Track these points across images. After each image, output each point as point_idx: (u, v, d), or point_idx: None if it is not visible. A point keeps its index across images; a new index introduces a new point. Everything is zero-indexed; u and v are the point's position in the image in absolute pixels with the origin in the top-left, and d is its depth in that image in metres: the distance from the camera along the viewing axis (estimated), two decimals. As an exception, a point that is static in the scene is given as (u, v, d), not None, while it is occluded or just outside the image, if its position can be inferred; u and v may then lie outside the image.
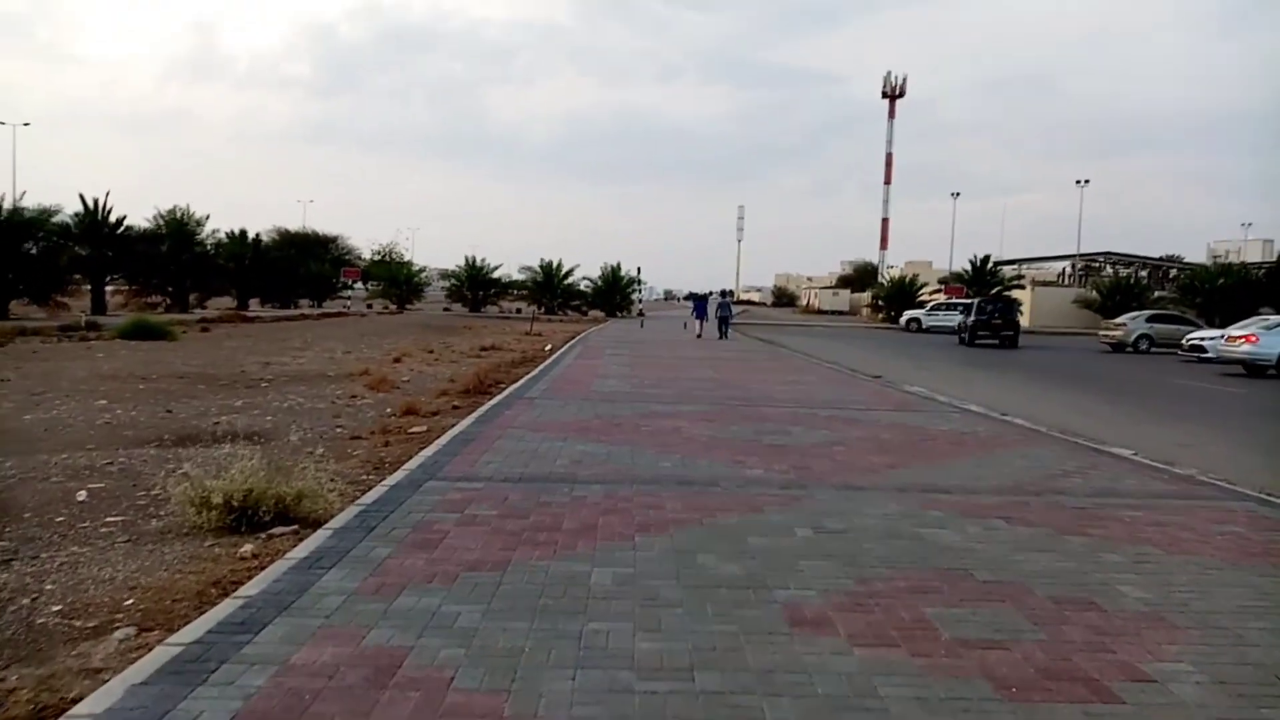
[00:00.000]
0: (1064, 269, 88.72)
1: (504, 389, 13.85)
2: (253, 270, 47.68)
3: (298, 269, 53.61)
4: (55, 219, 32.00)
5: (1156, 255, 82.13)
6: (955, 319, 48.70)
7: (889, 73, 77.14)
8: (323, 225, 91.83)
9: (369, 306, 58.04)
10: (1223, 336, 25.01)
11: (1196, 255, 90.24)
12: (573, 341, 28.25)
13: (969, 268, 60.72)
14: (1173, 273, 77.69)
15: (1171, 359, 29.40)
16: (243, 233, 48.06)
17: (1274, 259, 73.50)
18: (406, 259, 69.57)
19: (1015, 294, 59.00)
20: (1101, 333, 34.49)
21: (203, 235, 41.87)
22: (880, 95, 77.36)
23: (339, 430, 10.08)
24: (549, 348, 24.90)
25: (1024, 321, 57.90)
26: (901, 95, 76.69)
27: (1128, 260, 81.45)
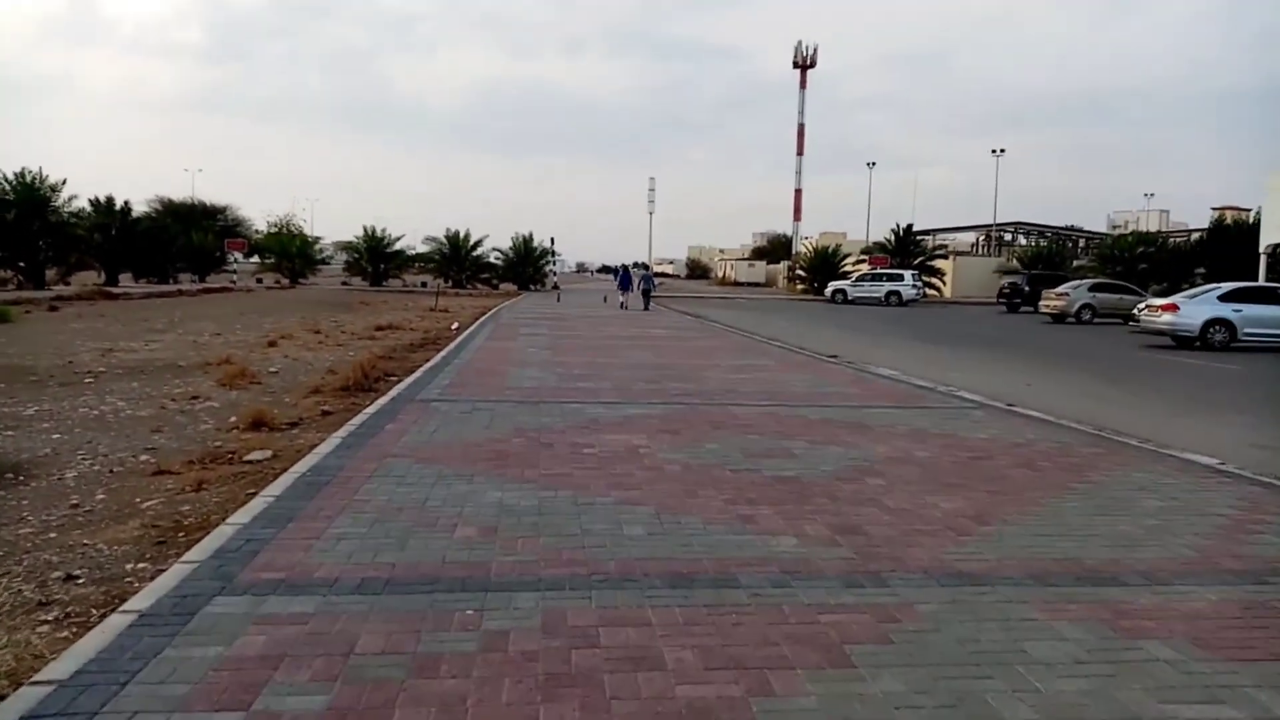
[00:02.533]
0: (977, 239, 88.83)
1: (394, 384, 10.89)
2: (121, 242, 42.64)
3: (176, 241, 48.51)
4: None
5: (1058, 225, 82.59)
6: (882, 289, 47.21)
7: (799, 42, 74.68)
8: (215, 196, 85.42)
9: (258, 281, 53.36)
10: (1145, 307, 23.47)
11: (1094, 226, 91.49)
12: (483, 319, 25.14)
13: (890, 238, 59.21)
14: (1081, 242, 78.30)
15: (1116, 329, 27.95)
16: (109, 200, 42.85)
17: (1170, 229, 74.85)
18: (304, 231, 64.54)
19: (938, 264, 57.95)
20: (1043, 303, 32.98)
21: (59, 203, 36.80)
22: (791, 65, 74.85)
23: (145, 458, 6.99)
24: (455, 326, 21.80)
25: (946, 291, 57.11)
26: (813, 65, 74.48)
27: (1038, 230, 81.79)
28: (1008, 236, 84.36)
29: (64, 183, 36.82)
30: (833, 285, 50.12)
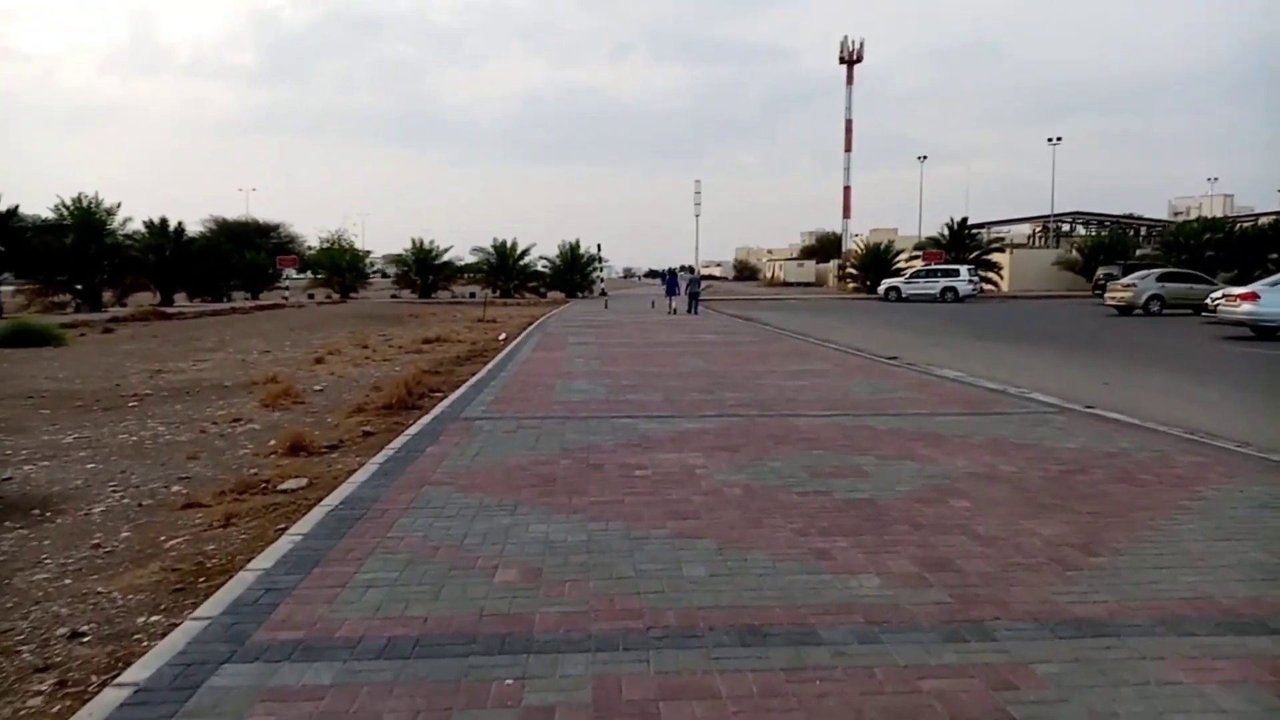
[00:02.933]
0: (1033, 231, 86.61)
1: (439, 400, 10.53)
2: (175, 262, 43.26)
3: (229, 259, 49.16)
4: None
5: (1117, 214, 79.99)
6: (937, 285, 46.04)
7: (845, 37, 73.43)
8: (268, 214, 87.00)
9: (310, 297, 53.91)
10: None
11: (1154, 213, 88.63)
12: (530, 328, 24.82)
13: (944, 233, 57.86)
14: (1143, 231, 75.82)
15: (1187, 321, 26.67)
16: (163, 222, 43.49)
17: (1235, 214, 72.04)
18: (354, 245, 65.16)
19: (994, 257, 56.48)
20: (1109, 295, 31.71)
21: (115, 225, 37.41)
22: (838, 61, 73.76)
23: (178, 489, 6.68)
24: (503, 337, 21.50)
25: (1003, 285, 55.60)
26: (859, 60, 73.15)
27: (1098, 219, 79.42)
28: (1065, 227, 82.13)
29: (119, 206, 37.48)
30: (886, 283, 49.00)
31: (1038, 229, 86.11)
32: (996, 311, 35.92)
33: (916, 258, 56.95)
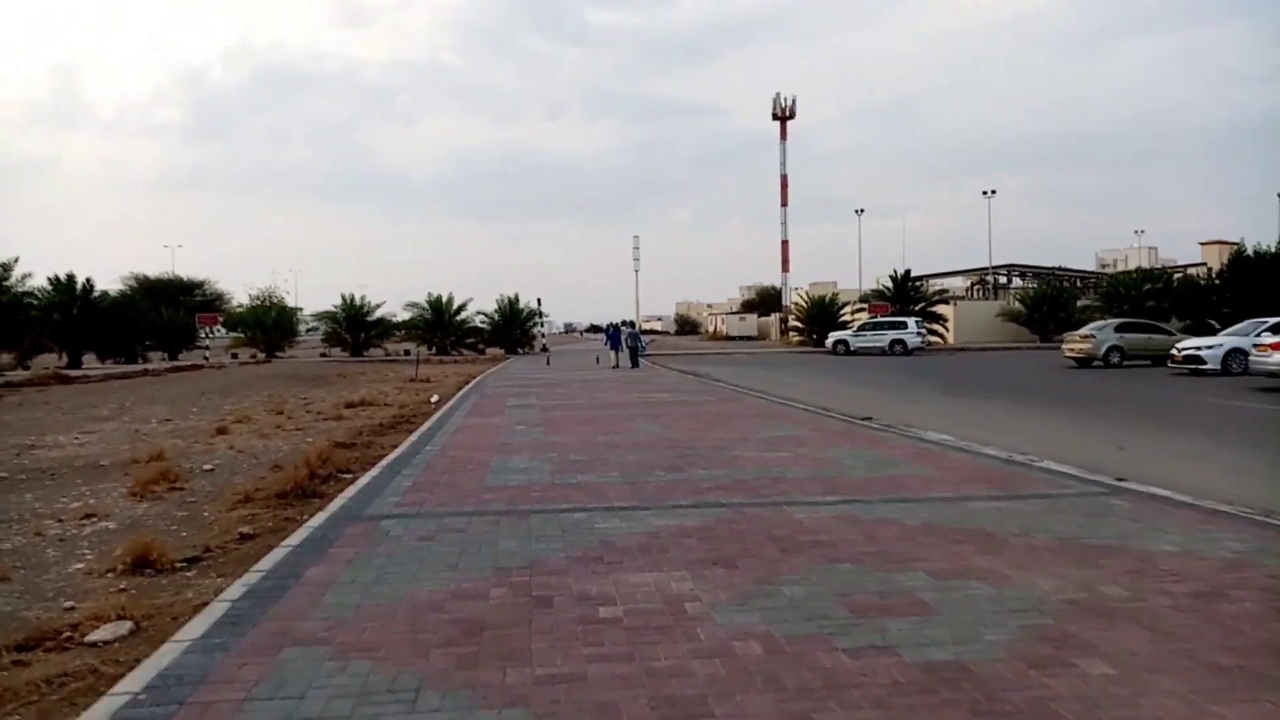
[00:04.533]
0: (971, 285, 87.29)
1: (346, 484, 8.59)
2: (83, 321, 40.22)
3: (144, 318, 46.10)
4: None
5: (1048, 266, 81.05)
6: (885, 338, 45.15)
7: (778, 94, 73.74)
8: (196, 272, 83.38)
9: (233, 357, 50.91)
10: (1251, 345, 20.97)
11: (1081, 265, 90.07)
12: (466, 389, 22.82)
13: (888, 285, 57.39)
14: (1077, 282, 76.67)
15: (1156, 372, 25.79)
16: (70, 278, 40.40)
17: (1161, 265, 73.30)
18: (285, 303, 62.11)
19: (940, 309, 56.10)
20: (1067, 346, 30.88)
21: (12, 282, 34.46)
22: (771, 117, 74.08)
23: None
24: (434, 400, 19.48)
25: (949, 337, 55.14)
26: (792, 117, 73.65)
27: (1032, 271, 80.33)
28: (1002, 279, 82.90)
29: (16, 260, 34.64)
30: (834, 336, 47.98)
31: (974, 281, 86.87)
32: (951, 364, 34.93)
33: (861, 310, 56.32)
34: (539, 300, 57.17)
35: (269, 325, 52.84)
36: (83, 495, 9.08)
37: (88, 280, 41.50)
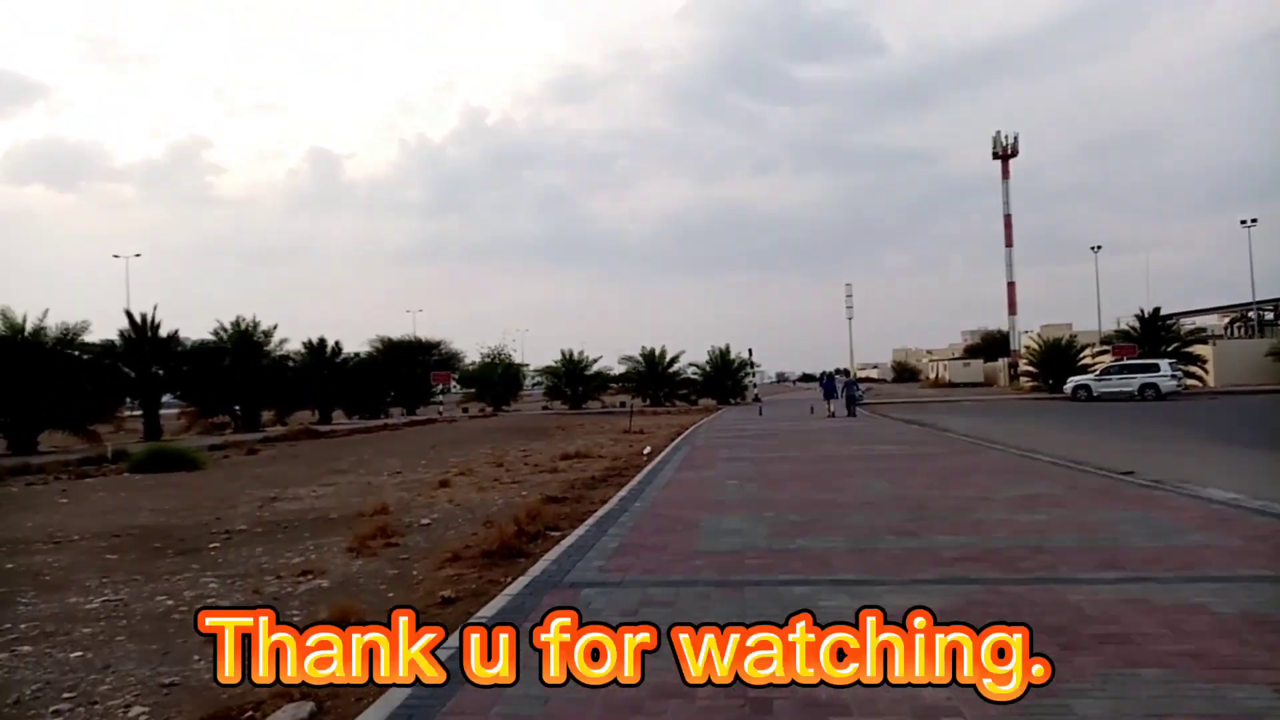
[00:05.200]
0: (1227, 321, 78.12)
1: (553, 543, 8.26)
2: (332, 380, 43.81)
3: (384, 376, 49.69)
4: (92, 339, 28.36)
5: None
6: (1134, 382, 40.87)
7: (998, 132, 70.14)
8: (433, 333, 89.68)
9: (464, 411, 53.78)
10: None
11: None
12: (678, 440, 22.46)
13: (1133, 325, 52.18)
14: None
15: None
16: (321, 342, 44.38)
17: None
18: (513, 360, 65.30)
19: (1196, 349, 50.33)
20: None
21: (271, 346, 38.10)
22: (991, 157, 70.52)
23: (137, 712, 4.54)
24: (647, 451, 19.21)
25: (1209, 380, 49.25)
26: (1014, 155, 69.75)
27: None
28: (1268, 315, 73.61)
29: (275, 328, 38.18)
30: (1073, 380, 44.01)
31: (1232, 318, 77.71)
32: (1216, 410, 30.89)
33: (1104, 352, 51.51)
34: (749, 351, 56.69)
35: (496, 381, 55.49)
36: (307, 550, 9.28)
37: (336, 343, 45.30)
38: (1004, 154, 69.51)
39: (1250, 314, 73.16)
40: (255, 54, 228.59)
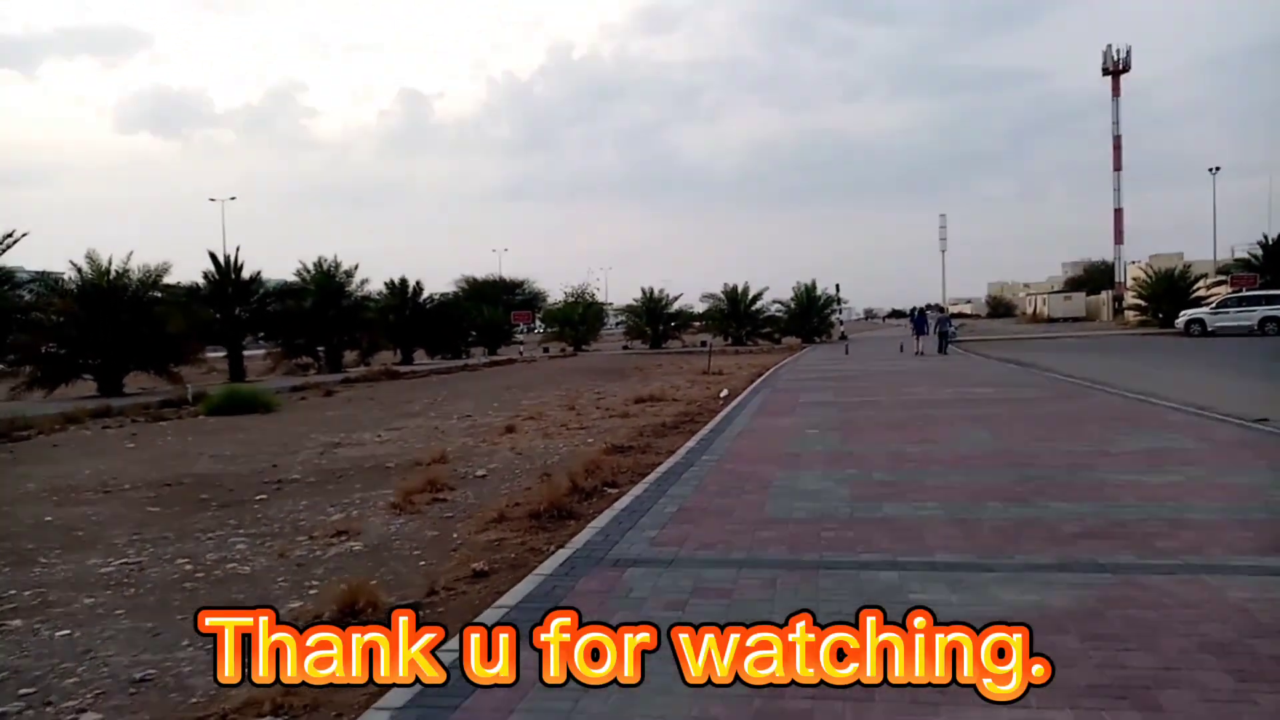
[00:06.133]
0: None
1: (608, 502, 7.46)
2: (413, 321, 43.80)
3: (465, 317, 49.58)
4: (175, 281, 28.57)
5: None
6: (1255, 315, 37.93)
7: (1109, 46, 65.63)
8: (519, 273, 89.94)
9: (545, 351, 53.52)
10: None
11: None
12: (757, 382, 21.41)
13: (1254, 253, 48.42)
14: None
15: None
16: (402, 282, 44.21)
17: None
18: (596, 299, 64.54)
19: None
20: None
21: (353, 288, 38.03)
22: (1101, 73, 66.22)
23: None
24: (723, 394, 18.23)
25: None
26: (1126, 70, 65.33)
27: None
28: None
29: (356, 268, 38.05)
30: (1186, 315, 41.13)
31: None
32: (1354, 345, 28.23)
33: (1220, 284, 48.11)
34: (836, 287, 54.70)
35: (576, 321, 54.94)
36: (351, 504, 8.70)
37: (417, 283, 45.18)
38: (1115, 69, 65.20)
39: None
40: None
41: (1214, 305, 40.90)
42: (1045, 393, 15.17)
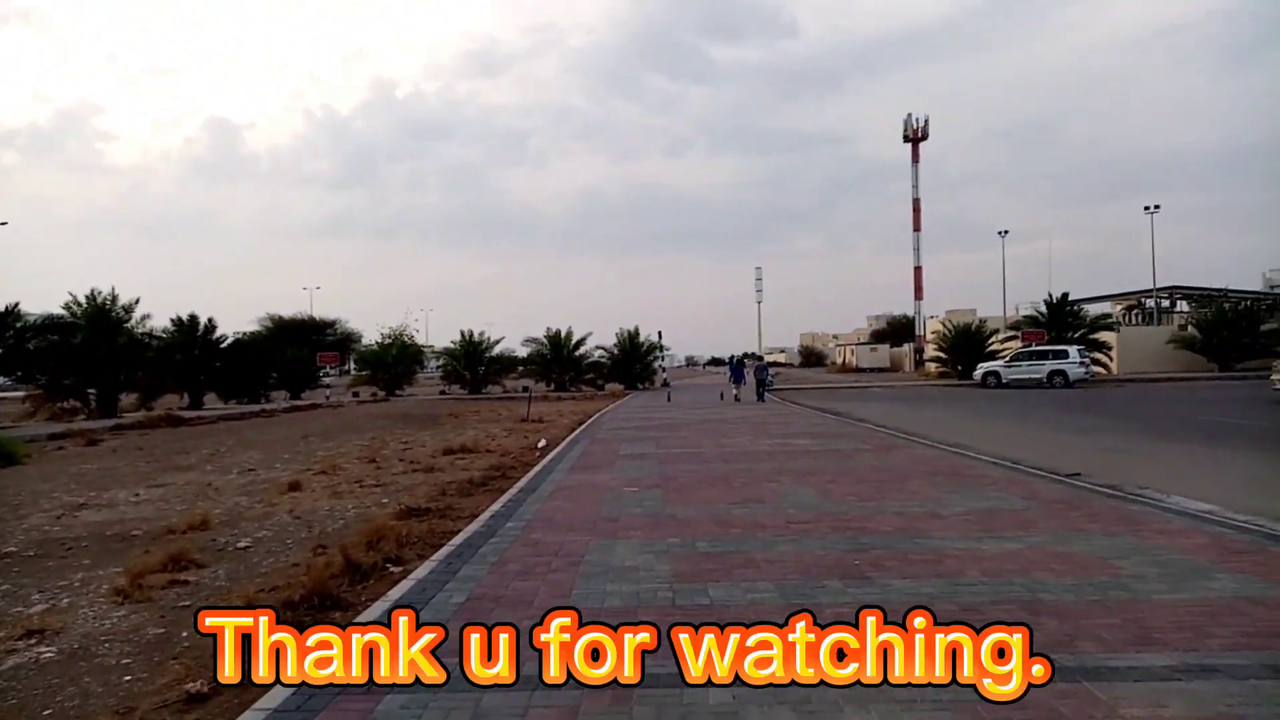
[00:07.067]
0: (1124, 309, 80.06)
1: (385, 587, 6.18)
2: (204, 361, 40.13)
3: (264, 357, 45.92)
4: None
5: (1216, 288, 72.72)
6: (1043, 369, 40.64)
7: (909, 115, 70.43)
8: (334, 313, 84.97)
9: (354, 395, 50.45)
10: None
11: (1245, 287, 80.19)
12: (578, 431, 20.41)
13: (1040, 311, 52.29)
14: (1245, 305, 68.74)
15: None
16: (191, 319, 40.38)
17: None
18: (415, 341, 61.45)
19: (1102, 336, 50.69)
20: (1276, 375, 26.19)
21: (132, 323, 34.26)
22: (902, 139, 70.92)
23: None
24: (540, 445, 17.10)
25: (1113, 368, 49.69)
26: (925, 138, 70.15)
27: (1197, 293, 72.72)
28: (1164, 302, 75.63)
29: (136, 302, 34.41)
30: (983, 367, 43.63)
31: (1129, 306, 79.70)
32: (1128, 398, 30.43)
33: (1012, 338, 51.54)
34: (659, 334, 54.77)
35: (390, 363, 52.21)
36: (68, 589, 6.99)
37: (209, 320, 41.51)
38: (915, 136, 69.59)
39: (1148, 301, 74.99)
40: (151, 14, 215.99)
41: (1008, 359, 43.60)
42: (864, 445, 14.94)
